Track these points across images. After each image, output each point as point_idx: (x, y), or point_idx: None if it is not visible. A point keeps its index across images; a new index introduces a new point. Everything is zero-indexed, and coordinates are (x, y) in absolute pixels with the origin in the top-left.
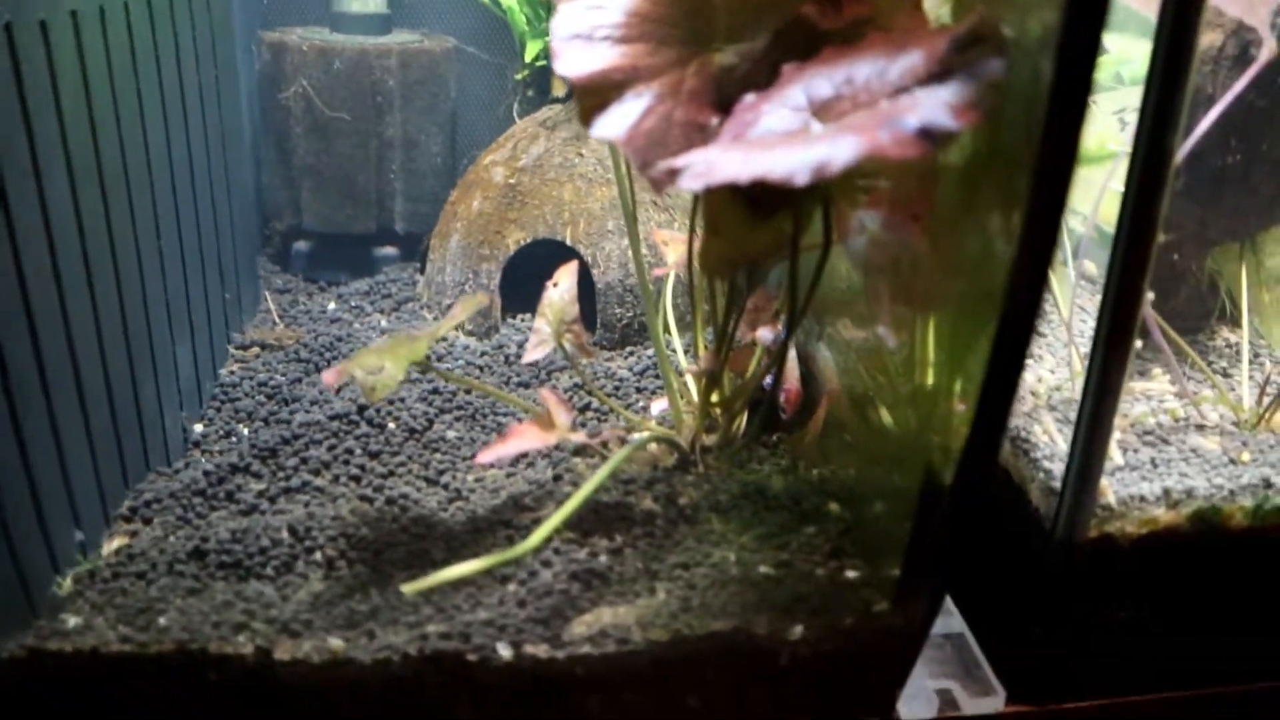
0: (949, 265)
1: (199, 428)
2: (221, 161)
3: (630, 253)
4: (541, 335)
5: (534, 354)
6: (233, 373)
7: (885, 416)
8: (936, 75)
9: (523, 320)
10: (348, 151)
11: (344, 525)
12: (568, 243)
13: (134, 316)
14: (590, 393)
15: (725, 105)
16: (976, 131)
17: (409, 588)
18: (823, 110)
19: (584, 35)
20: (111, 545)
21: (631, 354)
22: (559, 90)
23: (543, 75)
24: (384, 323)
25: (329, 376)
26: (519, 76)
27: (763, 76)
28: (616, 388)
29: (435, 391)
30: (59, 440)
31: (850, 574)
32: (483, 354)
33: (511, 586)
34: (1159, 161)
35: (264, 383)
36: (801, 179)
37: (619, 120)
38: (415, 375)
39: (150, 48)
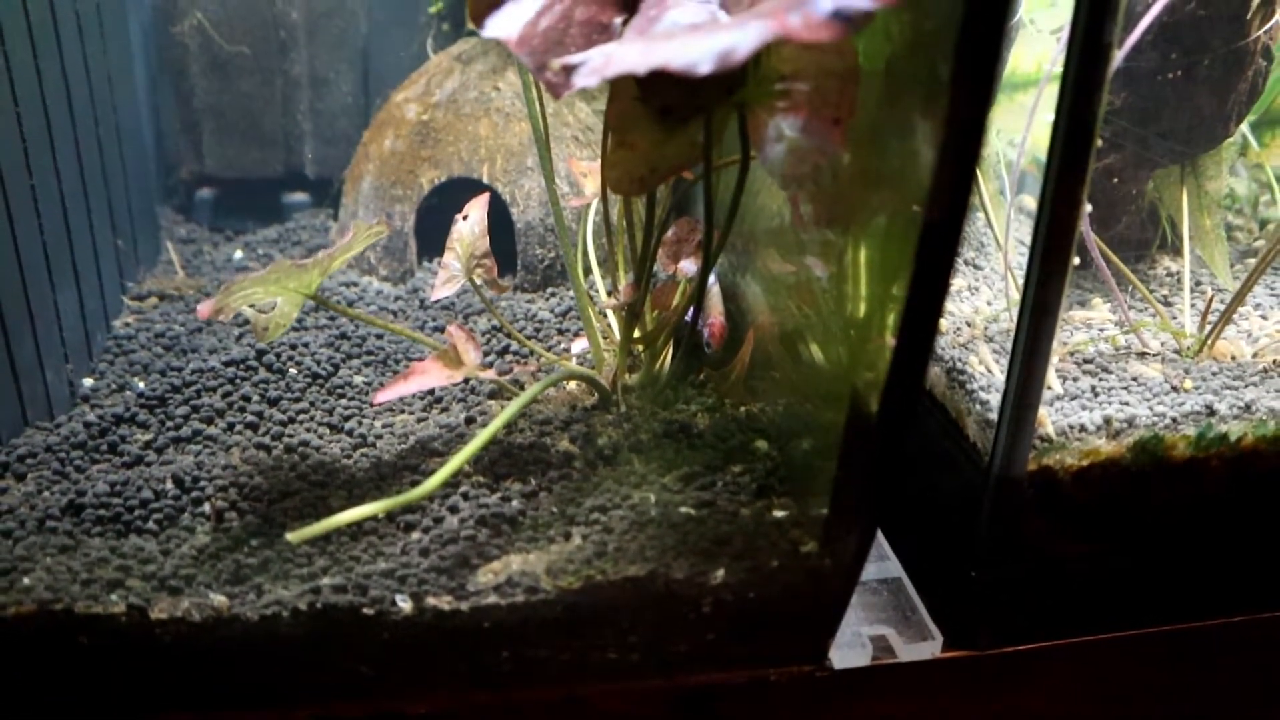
0: (870, 175)
1: (89, 381)
2: (109, 99)
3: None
4: (451, 271)
5: (443, 290)
6: (128, 324)
7: (815, 352)
8: None
9: (439, 262)
10: (250, 90)
11: (236, 475)
12: (484, 181)
13: (3, 265)
14: (508, 334)
15: (629, 4)
16: (899, 22)
17: (295, 535)
18: (732, 2)
19: None
20: None
21: (553, 295)
22: (476, 23)
23: (458, 7)
24: None
25: (204, 309)
26: (433, 10)
27: None
28: (537, 329)
29: (343, 336)
30: None
31: (778, 514)
32: (397, 299)
33: (415, 535)
34: (1095, 56)
35: (161, 334)
36: (705, 68)
37: (513, 19)
38: (323, 322)
39: None
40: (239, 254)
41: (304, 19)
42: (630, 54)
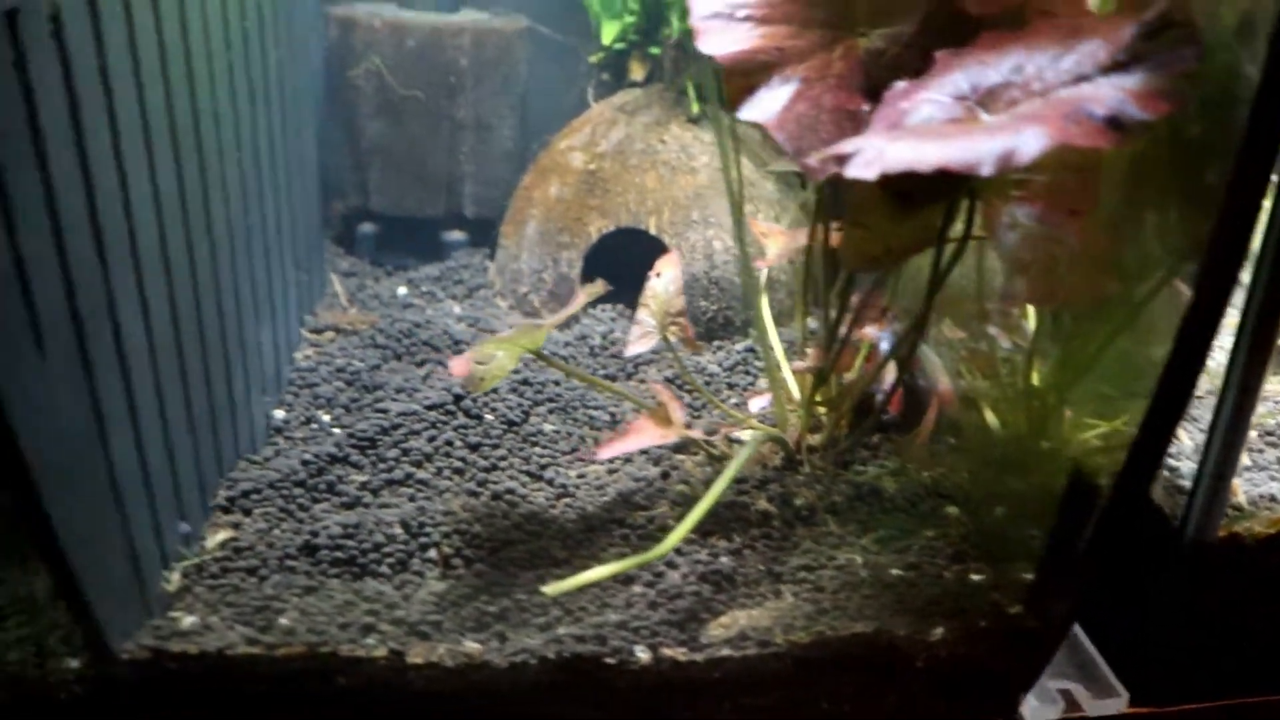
0: (1104, 263)
1: (280, 413)
2: (297, 141)
3: (714, 244)
4: (645, 328)
5: (638, 346)
6: (308, 357)
7: (995, 419)
8: (1121, 64)
9: (602, 310)
10: (419, 133)
11: (456, 521)
12: (651, 232)
13: (226, 297)
14: (690, 388)
15: (873, 92)
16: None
17: (551, 589)
18: (989, 99)
19: (724, 14)
20: (216, 538)
21: (719, 348)
22: (637, 74)
23: (618, 58)
24: (457, 309)
25: (457, 366)
26: (593, 59)
27: (913, 63)
28: (706, 383)
29: (525, 382)
30: (166, 426)
31: (976, 577)
32: (566, 344)
33: (637, 588)
34: None
35: (341, 368)
36: (987, 169)
37: (768, 104)
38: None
39: (222, 23)
40: (403, 290)
41: (472, 66)
42: (903, 151)
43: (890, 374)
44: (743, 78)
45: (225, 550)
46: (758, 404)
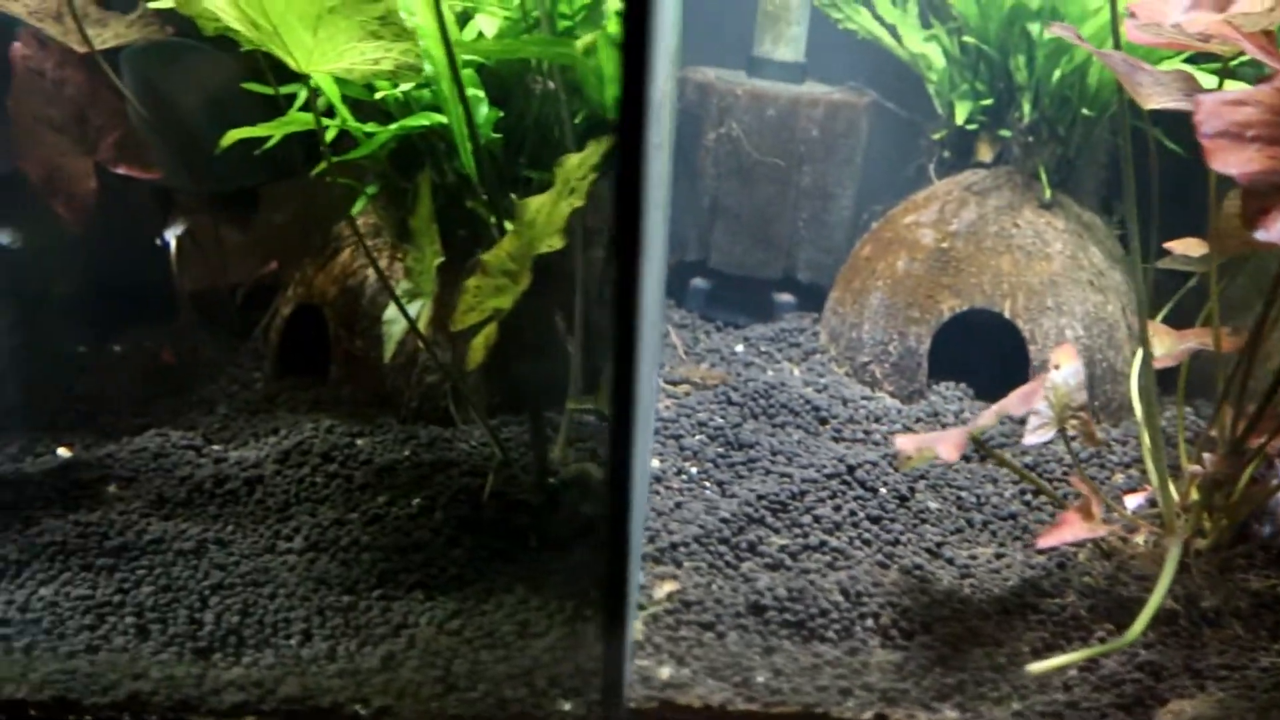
0: None
1: (655, 463)
2: (668, 191)
3: (1066, 332)
4: (1043, 418)
5: (1035, 437)
6: (668, 408)
7: None
8: None
9: (947, 388)
10: (766, 197)
11: (886, 592)
12: (1006, 315)
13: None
14: (1080, 480)
15: None
16: None
17: (1037, 667)
18: None
19: (1232, 134)
20: (663, 589)
21: (1074, 437)
22: (985, 155)
23: (962, 137)
24: (796, 372)
25: (907, 445)
26: (935, 136)
27: None
28: (1064, 473)
29: (897, 458)
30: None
31: None
32: (917, 420)
33: (1072, 671)
34: None
35: (703, 422)
36: None
37: None
38: (876, 438)
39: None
40: (740, 348)
41: (822, 136)
42: None
43: None
44: (1260, 198)
45: (674, 602)
46: (1134, 501)
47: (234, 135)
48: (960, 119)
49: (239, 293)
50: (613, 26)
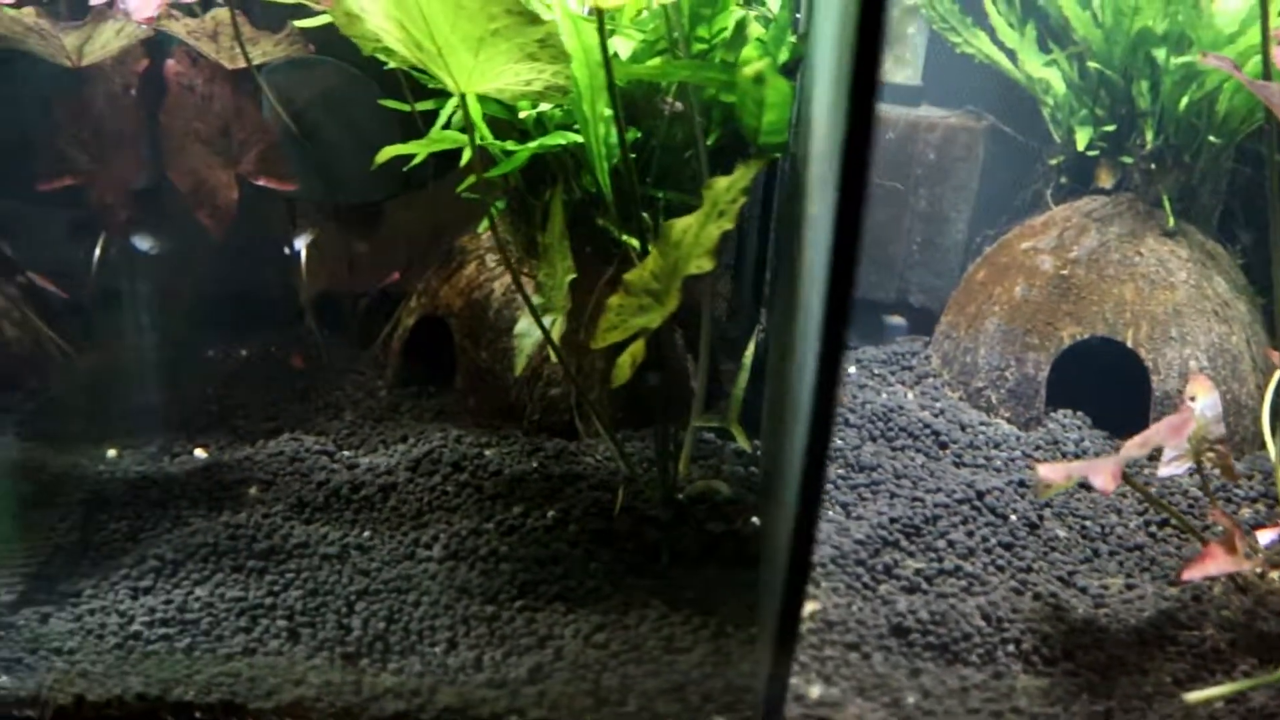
0: None
1: None
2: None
3: (1189, 363)
4: (1179, 450)
5: (1171, 469)
6: None
7: None
8: None
9: (1064, 415)
10: (883, 219)
11: (1025, 618)
12: (1128, 344)
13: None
14: (1221, 513)
15: None
16: None
17: (1194, 696)
18: None
19: None
20: (806, 608)
21: (1195, 472)
22: (1106, 182)
23: (1080, 163)
24: (910, 396)
25: (1053, 474)
26: (1052, 162)
27: None
28: (1189, 507)
29: (1023, 484)
30: None
31: None
32: (1036, 447)
33: (1219, 704)
34: None
35: (838, 450)
36: None
37: None
38: (997, 464)
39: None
40: (853, 370)
41: (938, 160)
42: None
43: None
44: None
45: (817, 621)
46: (1267, 536)
47: (388, 152)
48: (1081, 145)
49: (361, 302)
50: (784, 55)
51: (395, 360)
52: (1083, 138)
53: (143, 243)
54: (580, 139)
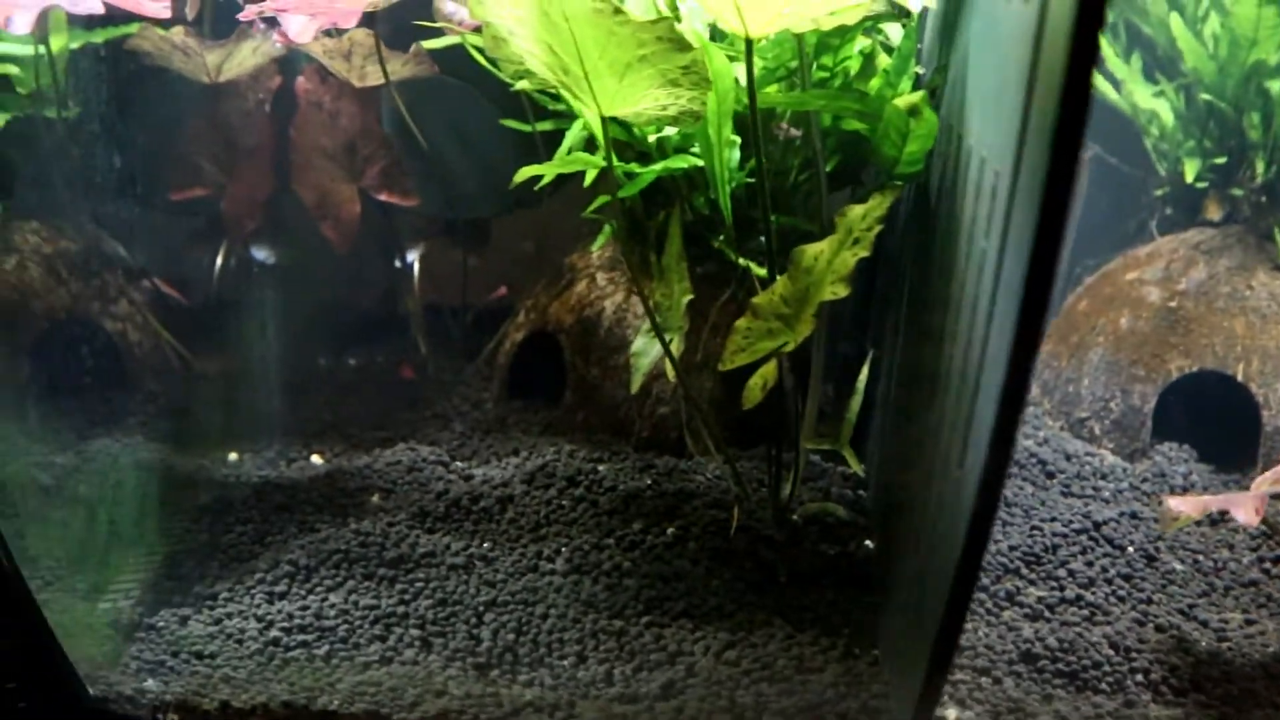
0: None
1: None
2: None
3: None
4: None
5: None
6: None
7: None
8: None
9: (1170, 448)
10: None
11: (1152, 649)
12: (1239, 379)
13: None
14: None
15: None
16: None
17: None
18: None
19: None
20: None
21: None
22: (1214, 214)
23: (1185, 194)
24: None
25: (1187, 507)
26: (1158, 193)
27: None
28: None
29: (1135, 516)
30: None
31: None
32: (1143, 479)
33: None
34: None
35: None
36: None
37: None
38: (1105, 494)
39: None
40: None
41: None
42: None
43: None
44: None
45: None
46: None
47: (526, 172)
48: (1189, 176)
49: (468, 316)
50: (905, 85)
51: (502, 374)
52: (1191, 169)
53: (260, 253)
54: (700, 162)
